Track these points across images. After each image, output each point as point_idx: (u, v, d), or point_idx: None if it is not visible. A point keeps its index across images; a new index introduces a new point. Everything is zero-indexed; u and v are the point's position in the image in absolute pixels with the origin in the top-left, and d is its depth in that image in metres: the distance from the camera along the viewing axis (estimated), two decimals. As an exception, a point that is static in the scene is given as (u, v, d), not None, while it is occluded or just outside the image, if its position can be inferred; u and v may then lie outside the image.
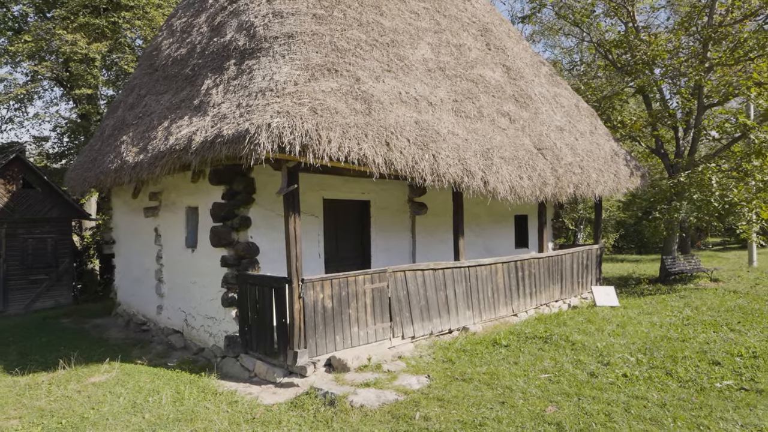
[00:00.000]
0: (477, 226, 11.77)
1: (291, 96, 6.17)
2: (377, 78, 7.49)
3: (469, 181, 7.82)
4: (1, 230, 15.25)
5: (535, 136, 10.08)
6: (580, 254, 12.45)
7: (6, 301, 15.34)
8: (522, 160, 8.97)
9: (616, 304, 11.51)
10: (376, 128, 6.60)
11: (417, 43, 8.90)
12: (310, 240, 8.55)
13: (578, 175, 10.34)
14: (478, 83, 9.49)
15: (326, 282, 7.03)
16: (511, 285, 10.27)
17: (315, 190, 8.57)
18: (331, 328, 7.05)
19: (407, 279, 8.15)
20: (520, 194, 8.83)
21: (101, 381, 7.05)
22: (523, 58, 11.90)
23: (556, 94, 12.02)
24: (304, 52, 6.86)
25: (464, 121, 8.50)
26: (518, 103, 10.36)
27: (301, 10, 7.40)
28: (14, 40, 14.14)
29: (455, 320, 8.87)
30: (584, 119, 12.39)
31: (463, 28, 10.64)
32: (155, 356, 8.44)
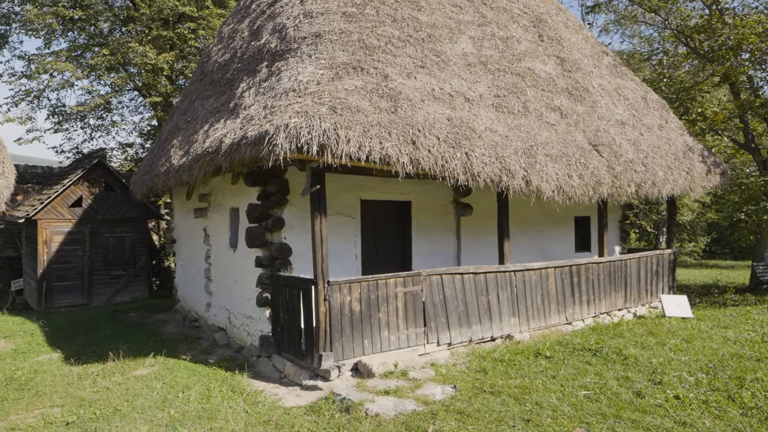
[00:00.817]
0: (530, 228, 11.14)
1: (312, 95, 6.09)
2: (408, 75, 7.24)
3: (509, 181, 7.37)
4: (85, 229, 16.62)
5: (590, 131, 9.35)
6: (648, 259, 11.43)
7: (90, 294, 16.68)
8: (572, 158, 8.34)
9: (689, 315, 10.42)
10: (402, 126, 6.37)
11: (457, 38, 8.55)
12: (346, 241, 8.46)
13: (641, 173, 9.46)
14: (525, 77, 8.95)
15: (354, 284, 6.89)
16: (565, 291, 9.60)
17: (352, 191, 8.46)
18: (359, 332, 6.90)
19: (444, 283, 7.83)
20: (570, 194, 8.21)
21: (143, 374, 7.37)
22: (582, 49, 11.11)
23: (620, 86, 11.10)
24: (330, 51, 6.78)
25: (506, 117, 8.03)
26: (572, 97, 9.66)
27: (332, 9, 7.33)
28: (96, 54, 15.36)
29: (498, 327, 8.41)
30: (652, 112, 11.35)
31: (513, 19, 10.10)
32: (199, 352, 8.73)
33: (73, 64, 15.94)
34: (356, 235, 8.58)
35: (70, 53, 16.69)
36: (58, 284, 16.14)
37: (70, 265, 16.40)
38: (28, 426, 5.70)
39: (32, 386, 7.08)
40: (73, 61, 16.19)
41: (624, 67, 12.06)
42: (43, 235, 15.98)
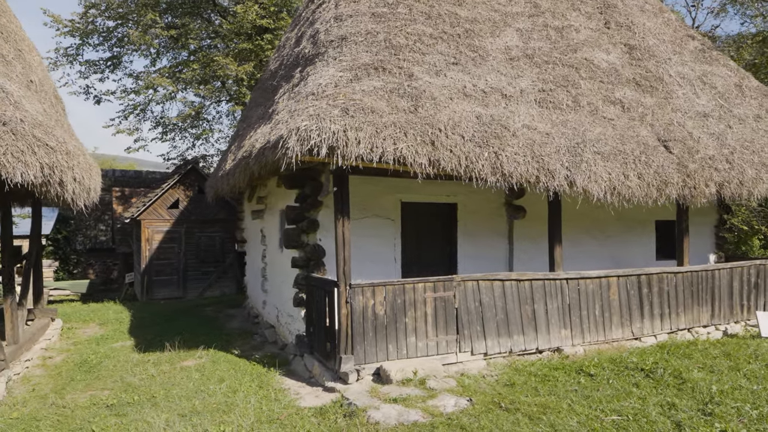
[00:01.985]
0: (600, 233, 10.25)
1: (328, 98, 6.12)
2: (438, 72, 7.00)
3: (548, 181, 6.83)
4: (181, 229, 18.23)
5: (660, 125, 8.37)
6: (744, 270, 9.97)
7: (185, 288, 18.28)
8: (629, 156, 7.52)
9: (791, 337, 8.91)
10: (420, 126, 6.16)
11: (501, 31, 8.10)
12: (385, 244, 8.38)
13: (724, 172, 8.28)
14: (579, 68, 8.24)
15: (378, 288, 6.80)
16: (631, 303, 8.68)
17: (391, 193, 8.37)
18: (383, 336, 6.80)
19: (481, 289, 7.45)
20: (627, 196, 7.42)
21: (189, 365, 7.89)
22: (661, 34, 9.99)
23: (705, 72, 9.81)
24: (354, 53, 6.76)
25: (551, 112, 7.45)
26: (640, 88, 8.72)
27: (361, 11, 7.31)
28: (189, 69, 16.82)
29: (545, 339, 7.82)
30: (749, 101, 9.88)
31: (573, 7, 9.36)
32: (250, 348, 9.16)
33: (171, 79, 17.54)
34: (396, 237, 8.47)
35: (171, 69, 18.42)
36: (158, 278, 17.88)
37: (168, 262, 18.10)
38: (76, 405, 6.35)
39: (97, 370, 7.88)
40: (172, 77, 17.83)
41: (716, 51, 10.63)
42: (146, 233, 17.80)
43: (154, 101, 18.43)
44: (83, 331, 11.11)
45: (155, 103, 18.44)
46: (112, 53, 18.65)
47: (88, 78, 19.04)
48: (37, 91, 7.94)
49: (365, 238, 8.20)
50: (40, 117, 7.08)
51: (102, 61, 18.48)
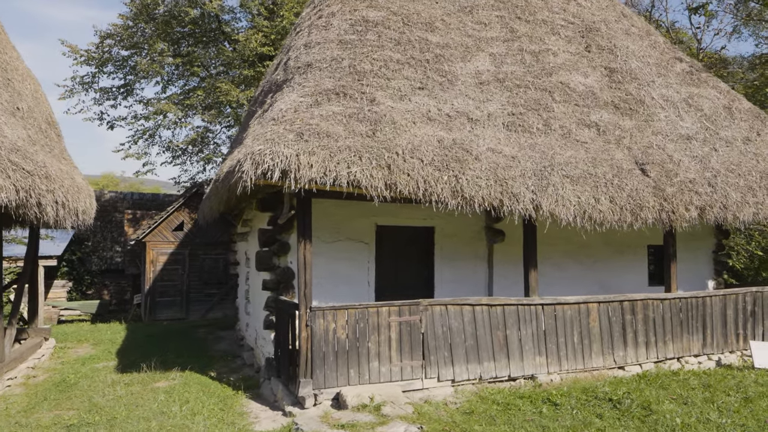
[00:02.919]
0: (587, 257, 10.03)
1: (285, 123, 6.23)
2: (402, 97, 7.07)
3: (512, 205, 6.76)
4: (185, 251, 18.54)
5: (639, 148, 8.24)
6: (739, 297, 9.62)
7: (188, 310, 18.49)
8: (601, 179, 7.40)
9: (786, 369, 8.50)
10: (377, 150, 6.21)
11: (473, 56, 8.16)
12: (358, 268, 8.36)
13: (705, 195, 8.06)
14: (553, 92, 8.21)
15: (340, 311, 6.77)
16: (613, 330, 8.43)
17: (366, 216, 8.38)
18: (344, 361, 6.73)
19: (449, 314, 7.35)
20: (599, 220, 7.29)
21: (161, 386, 7.93)
22: (646, 56, 9.91)
23: (692, 94, 9.65)
24: (317, 79, 6.89)
25: (519, 136, 7.42)
26: (618, 110, 8.62)
27: (329, 38, 7.47)
28: (194, 96, 17.34)
29: (518, 367, 7.63)
30: (738, 124, 9.65)
31: (553, 31, 9.37)
32: (228, 370, 9.17)
33: (179, 105, 18.09)
34: (370, 261, 8.45)
35: (180, 96, 19.01)
36: (161, 300, 18.14)
37: (172, 283, 18.38)
38: (38, 424, 6.44)
39: (72, 390, 7.99)
40: (179, 103, 18.39)
41: (706, 73, 10.46)
42: (150, 255, 18.15)
43: (162, 126, 18.98)
44: (75, 351, 11.30)
45: (164, 128, 18.99)
46: (125, 81, 19.37)
47: (102, 104, 19.77)
48: (23, 117, 8.28)
49: (339, 261, 8.21)
50: (20, 142, 7.38)
51: (115, 88, 19.20)
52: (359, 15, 7.85)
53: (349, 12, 7.88)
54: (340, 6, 8.02)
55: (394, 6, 8.29)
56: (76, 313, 21.71)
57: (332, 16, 7.86)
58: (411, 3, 8.54)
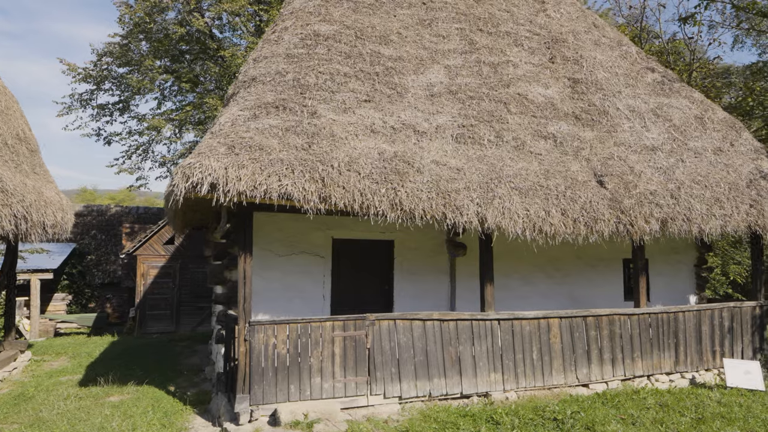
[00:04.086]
0: (556, 271, 9.81)
1: (220, 136, 6.23)
2: (346, 110, 7.04)
3: (455, 218, 6.64)
4: (176, 264, 18.66)
5: (598, 159, 8.07)
6: (715, 313, 9.29)
7: (178, 323, 18.54)
8: (553, 191, 7.24)
9: (759, 388, 8.15)
10: (311, 163, 6.16)
11: (427, 68, 8.11)
12: (313, 282, 8.29)
13: (667, 207, 7.83)
14: (509, 103, 8.11)
15: (280, 326, 6.69)
16: (576, 347, 8.19)
17: (322, 230, 8.33)
18: (284, 376, 6.63)
19: (398, 329, 7.21)
20: (550, 233, 7.11)
21: (112, 401, 7.90)
22: (614, 67, 9.75)
23: (661, 105, 9.44)
24: (260, 93, 6.89)
25: (468, 148, 7.32)
26: (579, 121, 8.47)
27: (277, 52, 7.49)
28: (183, 111, 17.58)
29: (471, 384, 7.44)
30: (710, 134, 9.40)
31: (516, 43, 9.29)
32: (189, 384, 9.11)
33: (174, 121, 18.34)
34: (325, 275, 8.37)
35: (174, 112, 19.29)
36: (151, 313, 18.24)
37: (162, 296, 18.48)
38: (-23, 438, 6.44)
39: (26, 403, 8.00)
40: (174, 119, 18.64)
41: (680, 83, 10.25)
42: (141, 268, 18.30)
43: (155, 141, 19.25)
44: (50, 364, 11.36)
45: (156, 143, 19.25)
46: (121, 98, 19.74)
47: (99, 121, 20.15)
48: (-15, 134, 8.44)
49: (293, 275, 8.15)
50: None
51: (110, 104, 19.57)
52: (310, 29, 7.88)
53: (301, 26, 7.92)
54: (293, 21, 8.07)
55: (349, 20, 8.30)
56: (74, 326, 21.95)
57: (284, 31, 7.90)
58: (367, 17, 8.55)
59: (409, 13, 8.96)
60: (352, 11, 8.51)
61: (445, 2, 9.44)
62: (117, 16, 17.29)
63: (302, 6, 8.36)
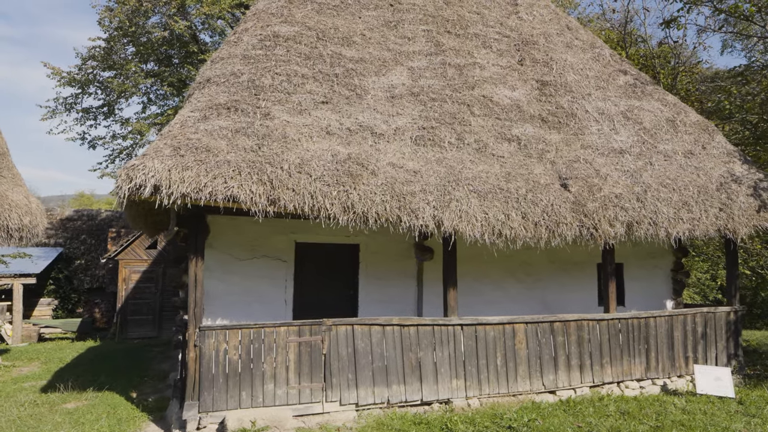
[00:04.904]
0: (527, 275, 9.67)
1: (168, 138, 6.12)
2: (302, 111, 6.93)
3: (410, 221, 6.52)
4: (159, 269, 18.52)
5: (563, 162, 7.95)
6: (688, 318, 9.14)
7: (160, 328, 18.38)
8: (514, 194, 7.12)
9: (728, 395, 8.01)
10: (260, 165, 6.05)
11: (389, 70, 8.01)
12: (275, 286, 8.15)
13: (633, 211, 7.70)
14: (473, 105, 8.00)
15: (232, 331, 6.56)
16: (543, 353, 8.04)
17: (284, 233, 8.20)
18: (236, 383, 6.49)
19: (356, 334, 7.08)
20: (510, 237, 6.98)
21: (68, 408, 7.76)
22: (585, 69, 9.65)
23: (632, 107, 9.34)
24: (213, 94, 6.79)
25: (427, 150, 7.21)
26: (546, 124, 8.36)
27: (234, 54, 7.40)
28: (164, 115, 17.51)
29: (431, 390, 7.29)
30: (681, 137, 9.29)
31: (485, 45, 9.19)
32: (152, 391, 8.97)
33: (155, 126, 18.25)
34: (287, 279, 8.23)
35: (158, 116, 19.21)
36: (133, 318, 18.09)
37: (144, 301, 18.33)
38: None
39: (-18, 409, 7.86)
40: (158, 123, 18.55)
41: (653, 86, 10.14)
42: (123, 273, 18.18)
43: (139, 145, 19.17)
44: (19, 370, 11.22)
45: (140, 147, 19.16)
46: (106, 101, 19.67)
47: (83, 125, 20.07)
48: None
49: (254, 279, 8.02)
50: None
51: (94, 108, 19.50)
52: (270, 30, 7.79)
53: (261, 28, 7.83)
54: (254, 22, 7.98)
55: (311, 21, 8.22)
56: (58, 331, 21.80)
57: (245, 32, 7.81)
58: (331, 18, 8.46)
59: (375, 15, 8.88)
60: (316, 12, 8.43)
61: (413, 4, 9.36)
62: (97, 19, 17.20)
63: (265, 7, 8.27)
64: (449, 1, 9.84)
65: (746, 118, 11.99)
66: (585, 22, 22.41)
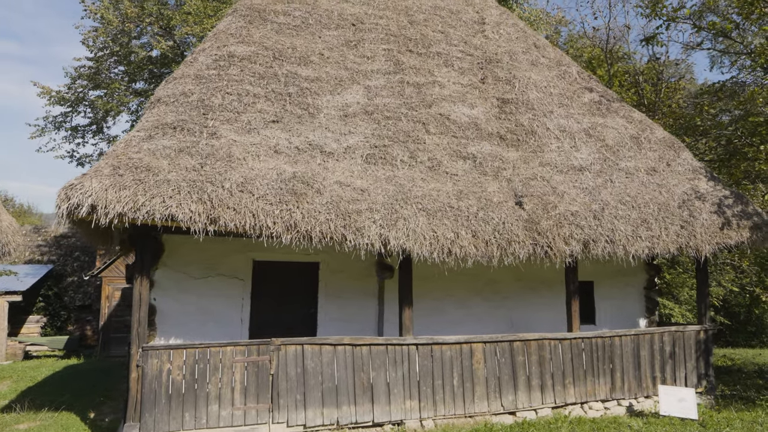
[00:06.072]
0: (494, 294, 9.57)
1: (112, 157, 6.16)
2: (250, 130, 6.96)
3: (356, 239, 6.49)
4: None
5: (519, 180, 7.92)
6: (654, 337, 9.01)
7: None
8: (464, 212, 7.08)
9: (691, 417, 7.85)
10: (201, 184, 6.06)
11: (345, 89, 8.05)
12: (231, 305, 8.10)
13: (589, 229, 7.64)
14: (428, 123, 8.01)
15: (176, 351, 6.51)
16: (502, 373, 7.93)
17: (242, 251, 8.17)
18: (179, 404, 6.42)
19: (305, 354, 7.01)
20: (460, 255, 6.93)
21: (21, 429, 7.70)
22: (549, 87, 9.67)
23: (595, 125, 9.32)
24: (161, 113, 6.84)
25: (378, 168, 7.20)
26: (504, 141, 8.35)
27: (187, 73, 7.47)
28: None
29: (383, 411, 7.18)
30: (645, 153, 9.25)
31: (447, 63, 9.24)
32: (111, 410, 8.88)
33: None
34: (244, 298, 8.19)
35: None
36: (116, 336, 18.00)
37: (128, 319, 18.28)
38: None
39: (-67, 430, 7.80)
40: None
41: (619, 103, 10.14)
42: (106, 291, 18.15)
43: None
44: (-13, 389, 11.16)
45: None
46: (93, 120, 19.89)
47: (72, 143, 20.28)
48: None
49: (209, 298, 7.97)
50: None
51: (81, 127, 19.72)
52: (226, 50, 7.87)
53: (217, 48, 7.91)
54: (212, 42, 8.07)
55: (269, 42, 8.30)
56: (45, 349, 21.74)
57: (201, 52, 7.89)
58: (290, 38, 8.55)
59: (336, 35, 8.96)
60: (275, 32, 8.52)
61: (376, 24, 9.46)
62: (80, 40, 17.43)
63: (225, 28, 8.38)
64: (414, 20, 9.94)
65: (721, 134, 11.95)
66: (576, 38, 22.58)
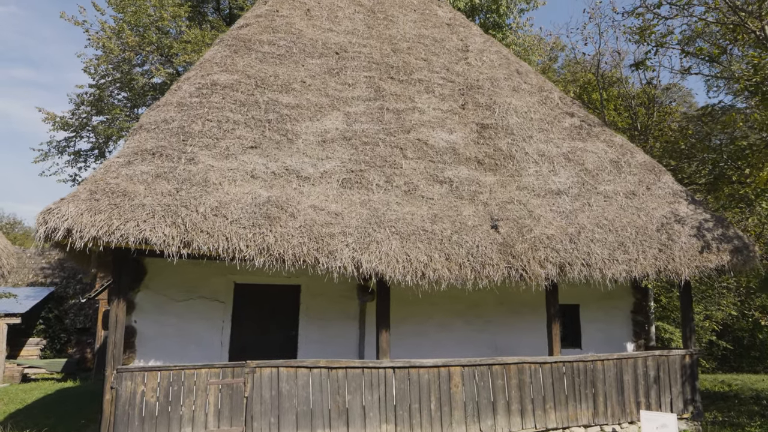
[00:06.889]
0: (477, 317, 9.59)
1: (90, 183, 6.35)
2: (228, 156, 7.15)
3: (329, 263, 6.60)
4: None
5: (496, 204, 8.03)
6: (638, 362, 8.95)
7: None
8: (438, 236, 7.18)
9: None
10: (175, 208, 6.22)
11: (324, 115, 8.26)
12: (211, 327, 8.19)
13: (565, 252, 7.69)
14: (406, 149, 8.18)
15: (151, 373, 6.58)
16: (480, 397, 7.91)
17: (223, 274, 8.29)
18: (152, 426, 6.47)
19: (280, 377, 7.05)
20: (434, 279, 7.00)
21: (0, 451, 7.74)
22: (529, 112, 9.84)
23: (575, 149, 9.45)
24: (142, 140, 7.06)
25: (353, 193, 7.35)
26: (482, 166, 8.49)
27: (170, 101, 7.71)
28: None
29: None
30: (624, 177, 9.34)
31: (428, 90, 9.46)
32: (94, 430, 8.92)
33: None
34: (225, 321, 8.27)
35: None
36: (111, 358, 18.09)
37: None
38: None
39: None
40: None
41: (600, 128, 10.28)
42: (102, 312, 18.29)
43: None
44: (-23, 412, 11.23)
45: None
46: (96, 145, 20.33)
47: (74, 167, 20.70)
48: None
49: (190, 320, 8.07)
50: None
51: (83, 152, 20.15)
52: (209, 79, 8.14)
53: (201, 76, 8.18)
54: (197, 71, 8.35)
55: (252, 70, 8.57)
56: (43, 372, 21.82)
57: (186, 81, 8.16)
58: (273, 67, 8.82)
59: (319, 63, 9.23)
60: (259, 61, 8.79)
61: (359, 52, 9.73)
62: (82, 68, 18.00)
63: (211, 57, 8.67)
64: (398, 48, 10.22)
65: (707, 157, 12.03)
66: (572, 63, 22.91)
